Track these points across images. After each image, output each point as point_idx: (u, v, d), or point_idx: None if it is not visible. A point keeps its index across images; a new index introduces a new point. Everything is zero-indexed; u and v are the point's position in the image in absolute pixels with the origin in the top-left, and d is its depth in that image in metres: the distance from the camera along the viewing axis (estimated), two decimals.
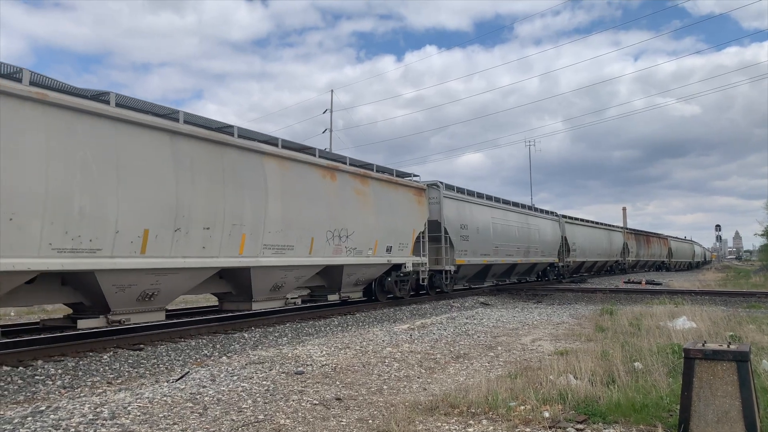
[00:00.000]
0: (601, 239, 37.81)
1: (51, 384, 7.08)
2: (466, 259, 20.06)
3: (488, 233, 22.26)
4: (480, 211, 22.13)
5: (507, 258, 23.86)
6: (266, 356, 8.54)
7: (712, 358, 4.30)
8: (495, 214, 23.29)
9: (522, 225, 25.94)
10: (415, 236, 17.10)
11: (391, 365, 7.91)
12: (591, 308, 16.43)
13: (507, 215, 24.62)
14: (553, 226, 30.67)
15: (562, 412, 5.16)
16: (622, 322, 11.66)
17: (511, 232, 24.55)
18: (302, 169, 12.62)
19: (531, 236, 26.77)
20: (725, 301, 17.20)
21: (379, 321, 13.74)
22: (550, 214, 30.79)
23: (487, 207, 23.03)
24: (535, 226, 27.78)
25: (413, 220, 17.11)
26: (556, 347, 9.34)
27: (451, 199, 19.87)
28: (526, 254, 25.98)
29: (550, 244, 29.33)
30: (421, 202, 17.80)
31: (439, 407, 5.52)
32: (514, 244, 24.64)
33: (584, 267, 35.69)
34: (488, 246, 22.14)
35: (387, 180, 16.15)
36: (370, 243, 14.87)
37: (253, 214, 11.00)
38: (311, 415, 5.42)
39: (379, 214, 15.27)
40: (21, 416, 5.30)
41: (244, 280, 11.45)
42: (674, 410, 4.95)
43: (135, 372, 7.89)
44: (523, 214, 26.72)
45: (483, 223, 21.94)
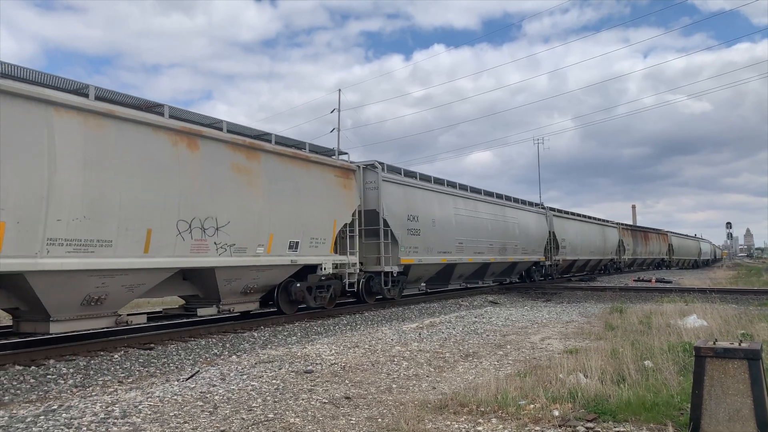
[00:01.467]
0: (594, 235, 34.66)
1: (63, 383, 7.14)
2: (416, 257, 16.68)
3: (449, 227, 18.78)
4: (437, 200, 18.59)
5: (476, 256, 20.48)
6: (275, 355, 8.57)
7: (723, 357, 4.28)
8: (459, 204, 19.79)
9: (496, 218, 22.58)
10: (337, 229, 13.86)
11: (400, 364, 7.91)
12: (600, 306, 16.36)
13: (476, 206, 21.13)
14: (539, 219, 27.30)
15: (572, 411, 5.14)
16: (632, 320, 11.61)
17: (481, 226, 21.10)
18: (131, 131, 9.07)
19: (509, 231, 23.51)
20: (736, 299, 17.06)
21: (387, 320, 13.75)
22: (534, 206, 27.62)
23: (448, 195, 19.37)
24: (515, 219, 24.38)
25: (335, 208, 13.68)
26: (565, 346, 9.31)
27: (394, 184, 16.24)
28: (501, 252, 22.62)
29: (534, 241, 26.18)
30: (349, 186, 14.29)
31: (448, 406, 5.51)
32: (485, 240, 21.27)
33: (576, 266, 32.61)
34: (449, 242, 18.65)
35: (291, 155, 12.49)
36: (260, 238, 11.42)
37: (22, 191, 7.56)
38: (321, 414, 5.44)
39: (275, 199, 11.78)
40: (34, 415, 5.35)
41: (27, 292, 8.10)
42: (685, 409, 4.93)
43: (146, 371, 7.94)
44: (499, 205, 23.28)
45: (442, 214, 18.47)
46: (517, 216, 24.69)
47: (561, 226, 29.59)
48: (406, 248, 16.16)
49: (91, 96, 8.71)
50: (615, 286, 23.83)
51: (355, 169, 14.97)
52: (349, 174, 14.55)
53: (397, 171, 16.91)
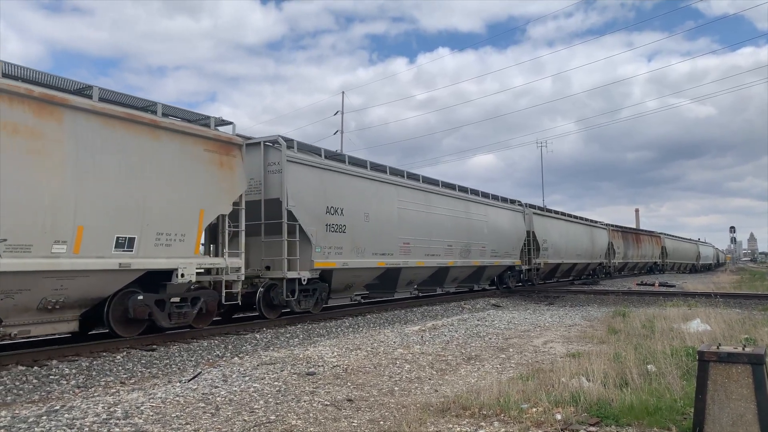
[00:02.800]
0: (581, 237, 31.69)
1: (65, 383, 7.15)
2: (339, 260, 13.61)
3: (390, 223, 15.57)
4: (373, 189, 15.28)
5: (429, 259, 17.38)
6: (278, 357, 8.57)
7: (726, 361, 4.26)
8: (406, 197, 16.60)
9: (458, 214, 19.48)
10: (206, 222, 10.59)
11: (402, 366, 7.90)
12: (603, 310, 16.32)
13: (430, 200, 17.87)
14: (514, 218, 24.18)
15: (574, 415, 5.13)
16: (635, 324, 11.57)
17: (436, 224, 17.96)
18: None
19: (474, 230, 20.43)
20: (740, 304, 17.00)
21: (390, 322, 13.74)
22: (509, 202, 24.41)
23: (390, 185, 16.02)
24: (482, 216, 21.24)
25: (204, 194, 10.28)
26: (568, 349, 9.29)
27: (305, 167, 13.00)
28: (464, 254, 19.59)
29: (508, 242, 23.23)
30: (230, 165, 10.90)
31: (450, 409, 5.51)
32: (442, 240, 18.19)
33: (560, 270, 29.54)
34: (390, 242, 15.53)
35: (124, 117, 9.19)
36: (60, 231, 8.21)
37: None
38: (323, 416, 5.43)
39: (89, 177, 8.60)
40: (36, 415, 5.36)
41: None
42: (688, 413, 4.91)
43: (148, 372, 7.95)
44: (461, 199, 20.04)
45: (380, 208, 15.32)
46: (485, 213, 21.59)
47: (542, 226, 26.59)
48: (323, 249, 13.14)
49: None
50: (618, 289, 23.81)
51: (240, 143, 11.34)
52: (230, 149, 10.96)
53: (315, 151, 13.77)
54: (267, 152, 12.69)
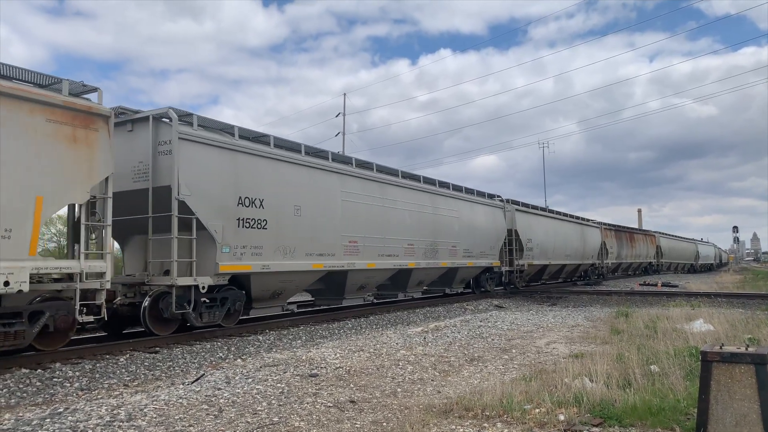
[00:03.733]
0: (570, 236, 29.48)
1: (69, 386, 7.16)
2: (257, 262, 11.28)
3: (331, 218, 13.36)
4: (308, 177, 12.88)
5: (383, 261, 15.14)
6: (280, 359, 8.57)
7: (730, 361, 4.26)
8: (353, 187, 14.31)
9: (422, 209, 17.19)
10: (45, 214, 8.11)
11: (405, 368, 7.90)
12: (606, 311, 16.30)
13: (385, 192, 15.58)
14: (493, 214, 21.89)
15: (577, 415, 5.13)
16: (638, 324, 11.56)
17: (394, 219, 15.68)
18: None
19: (442, 227, 18.18)
20: (743, 304, 16.98)
21: (392, 324, 13.74)
22: (487, 197, 22.15)
23: (331, 173, 13.69)
24: (452, 212, 18.93)
25: (41, 178, 7.99)
26: (571, 350, 9.28)
27: (208, 148, 10.61)
28: (430, 254, 17.34)
29: (485, 241, 21.03)
30: (91, 142, 8.61)
31: (453, 410, 5.50)
32: (401, 239, 15.97)
33: (547, 272, 27.50)
34: (330, 240, 13.29)
35: None
36: None
37: None
38: (325, 418, 5.44)
39: None
40: (39, 418, 5.37)
41: None
42: (692, 414, 4.90)
43: (151, 374, 7.96)
44: (426, 192, 17.77)
45: (317, 199, 13.01)
46: (457, 209, 19.29)
47: (526, 224, 24.39)
48: (234, 248, 10.80)
49: None
50: (621, 290, 23.79)
51: (106, 114, 8.88)
52: (89, 121, 8.63)
53: (226, 130, 11.39)
54: (158, 129, 10.38)
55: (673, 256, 52.36)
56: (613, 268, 37.82)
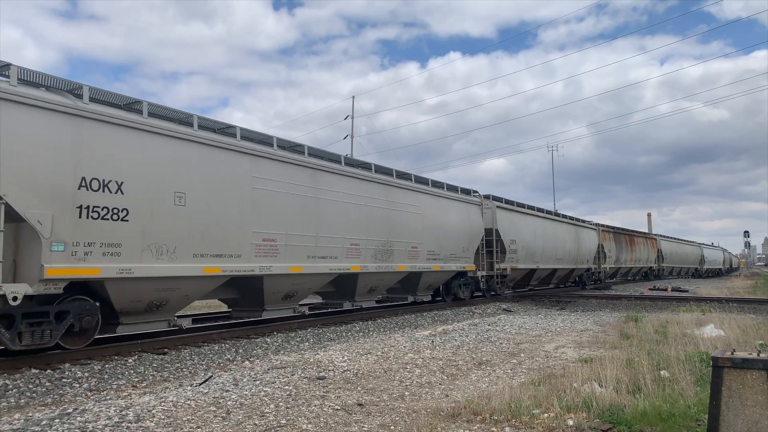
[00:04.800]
0: (562, 238, 26.92)
1: (78, 387, 7.20)
2: (114, 264, 8.64)
3: (235, 210, 10.66)
4: (196, 158, 10.06)
5: (315, 264, 12.51)
6: (288, 361, 8.58)
7: (741, 367, 4.22)
8: (268, 172, 11.56)
9: (372, 203, 14.51)
10: None
11: (413, 371, 7.88)
12: (615, 315, 16.21)
13: (318, 179, 12.81)
14: (467, 212, 19.23)
15: (586, 420, 5.09)
16: (648, 329, 11.49)
17: (329, 214, 13.00)
18: None
19: (399, 224, 15.48)
20: (754, 309, 16.82)
21: (400, 327, 13.72)
22: (460, 192, 19.39)
23: (238, 154, 10.91)
24: (413, 207, 16.24)
25: None
26: (580, 354, 9.22)
27: (31, 109, 7.85)
28: (382, 256, 14.73)
29: (457, 241, 18.35)
30: None
31: (461, 414, 5.48)
32: (342, 237, 13.39)
33: (535, 277, 25.02)
34: (234, 238, 10.62)
35: None
36: None
37: None
38: (333, 421, 5.43)
39: None
40: (49, 418, 5.39)
41: None
42: (702, 420, 4.86)
43: (159, 376, 7.98)
44: (379, 184, 15.04)
45: (209, 186, 10.22)
46: (419, 204, 16.61)
47: (510, 223, 21.80)
48: (73, 246, 8.21)
49: None
50: (630, 294, 23.65)
51: None
52: None
53: (74, 91, 8.69)
54: None
55: (675, 261, 49.84)
56: (612, 273, 35.48)
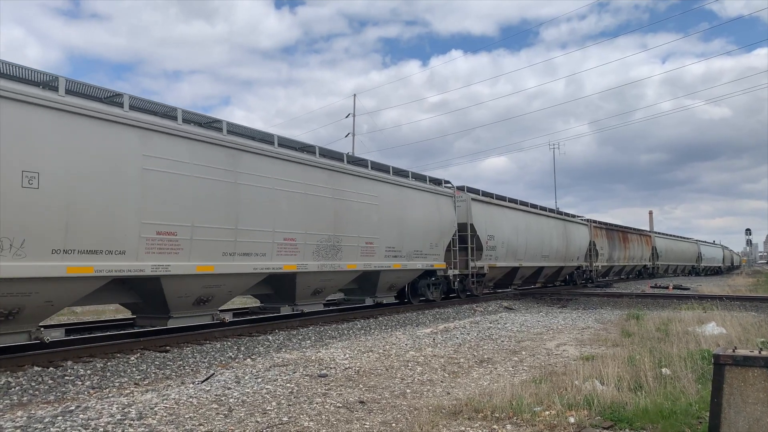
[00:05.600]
0: (549, 234, 25.12)
1: (80, 384, 7.22)
2: None
3: (117, 195, 8.74)
4: (56, 127, 8.02)
5: (234, 262, 10.57)
6: (290, 359, 8.60)
7: (742, 365, 4.21)
8: (166, 151, 9.53)
9: (314, 191, 12.57)
10: None
11: (414, 369, 7.89)
12: (617, 313, 16.20)
13: (238, 161, 10.78)
14: (437, 204, 17.42)
15: (587, 418, 5.10)
16: (649, 327, 11.49)
17: (255, 202, 11.04)
18: None
19: (349, 217, 13.59)
20: (756, 307, 16.81)
21: (402, 325, 13.73)
22: (428, 181, 17.48)
23: (126, 127, 8.97)
24: (368, 197, 14.39)
25: None
26: (581, 352, 9.23)
27: None
28: (326, 253, 12.83)
29: (424, 237, 16.47)
30: None
31: (462, 411, 5.49)
32: (273, 231, 11.40)
33: (519, 275, 23.32)
34: (115, 230, 8.72)
35: None
36: None
37: None
38: (335, 418, 5.44)
39: None
40: (51, 415, 5.41)
41: None
42: (704, 417, 4.86)
43: (161, 373, 8.00)
44: (322, 168, 12.95)
45: (77, 165, 8.26)
46: (377, 194, 14.70)
47: (487, 218, 19.98)
48: None
49: None
50: (632, 292, 23.64)
51: None
52: None
53: None
54: None
55: (670, 258, 48.10)
56: (604, 272, 33.70)
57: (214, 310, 11.02)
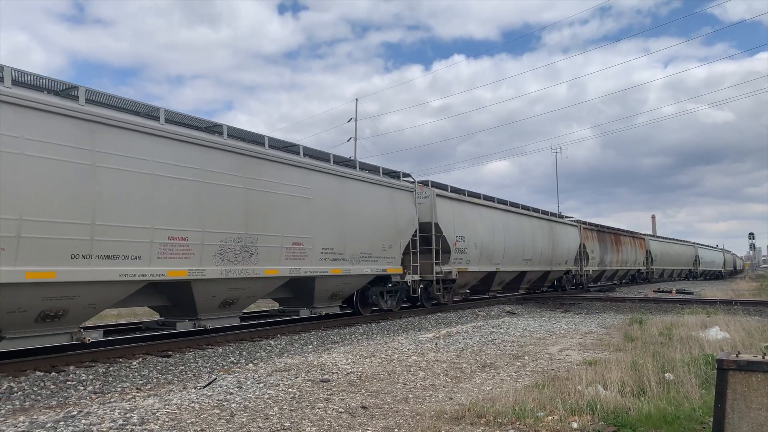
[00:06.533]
0: (531, 235, 23.06)
1: (82, 389, 7.22)
2: None
3: None
4: None
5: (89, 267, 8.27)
6: (292, 364, 8.58)
7: (746, 369, 4.20)
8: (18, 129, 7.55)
9: (217, 179, 10.29)
10: None
11: (417, 374, 7.88)
12: (620, 317, 16.16)
13: (95, 138, 8.53)
14: (391, 200, 15.17)
15: (591, 423, 5.08)
16: (652, 331, 11.46)
17: (128, 190, 8.92)
18: None
19: (267, 211, 11.25)
20: (759, 311, 16.74)
21: (404, 329, 13.71)
22: (382, 174, 15.21)
23: None
24: (300, 189, 12.07)
25: None
26: (584, 357, 9.20)
27: None
28: (236, 256, 10.48)
29: (375, 236, 14.34)
30: None
31: (465, 417, 5.48)
32: (151, 228, 9.16)
33: (497, 281, 21.01)
34: None
35: None
36: None
37: None
38: (337, 423, 5.43)
39: None
40: (53, 421, 5.41)
41: None
42: (707, 423, 4.84)
43: (163, 378, 7.99)
44: (233, 153, 10.72)
45: None
46: (309, 185, 12.36)
47: (457, 216, 17.94)
48: None
49: None
50: (634, 297, 23.59)
51: None
52: None
53: None
54: None
55: (665, 262, 45.73)
56: (596, 277, 31.72)
57: (74, 328, 8.80)
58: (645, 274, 40.53)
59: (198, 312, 10.46)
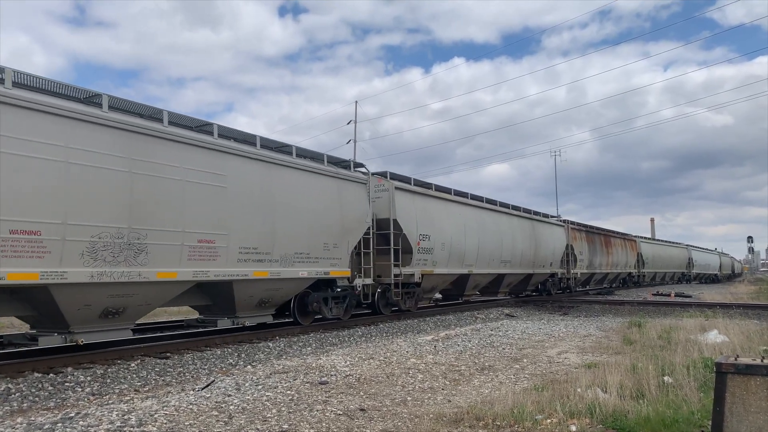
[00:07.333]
0: (510, 235, 21.30)
1: (80, 391, 7.21)
2: None
3: None
4: None
5: None
6: (291, 366, 8.57)
7: (745, 373, 4.20)
8: None
9: (88, 159, 8.25)
10: None
11: (416, 376, 7.87)
12: (618, 321, 16.16)
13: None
14: (337, 192, 13.30)
15: (589, 426, 5.08)
16: (651, 335, 11.46)
17: None
18: None
19: (167, 201, 9.38)
20: (758, 315, 16.76)
21: (403, 332, 13.70)
22: (327, 163, 13.30)
23: None
24: (212, 176, 10.17)
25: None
26: (583, 360, 9.20)
27: None
28: (119, 256, 8.56)
29: (316, 234, 12.49)
30: None
31: (464, 419, 5.47)
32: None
33: (471, 284, 19.45)
34: None
35: None
36: None
37: None
38: (335, 426, 5.42)
39: None
40: (51, 422, 5.40)
41: None
42: (706, 426, 4.84)
43: (161, 380, 7.98)
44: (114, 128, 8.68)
45: None
46: (223, 171, 10.46)
47: (421, 212, 16.20)
48: None
49: None
50: (633, 300, 23.60)
51: None
52: None
53: None
54: None
55: (657, 265, 43.87)
56: (585, 280, 29.97)
57: None
58: (636, 278, 39.06)
59: (70, 323, 8.52)
